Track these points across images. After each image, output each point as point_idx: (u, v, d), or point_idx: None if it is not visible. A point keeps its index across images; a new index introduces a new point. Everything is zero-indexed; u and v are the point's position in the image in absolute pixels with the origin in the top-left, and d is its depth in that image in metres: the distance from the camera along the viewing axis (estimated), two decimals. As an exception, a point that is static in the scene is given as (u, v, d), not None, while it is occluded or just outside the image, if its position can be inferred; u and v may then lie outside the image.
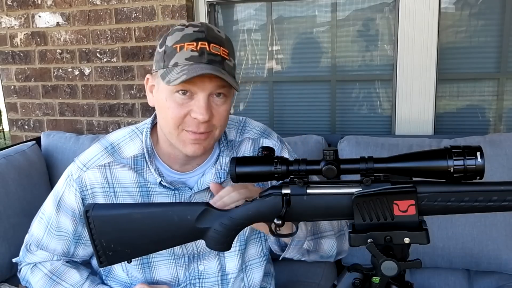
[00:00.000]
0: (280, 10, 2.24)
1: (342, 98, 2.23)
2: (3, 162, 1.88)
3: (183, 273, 1.12)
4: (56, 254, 1.15)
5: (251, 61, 2.32)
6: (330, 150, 0.80)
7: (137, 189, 1.08)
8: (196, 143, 0.99)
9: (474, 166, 0.73)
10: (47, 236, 1.14)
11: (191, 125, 0.97)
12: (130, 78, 2.29)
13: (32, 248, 1.17)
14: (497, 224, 1.61)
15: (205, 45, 0.94)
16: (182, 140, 1.00)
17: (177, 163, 1.09)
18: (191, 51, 0.93)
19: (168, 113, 0.98)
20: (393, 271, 0.77)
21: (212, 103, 0.98)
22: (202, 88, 0.95)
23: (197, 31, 0.96)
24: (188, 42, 0.94)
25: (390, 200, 0.77)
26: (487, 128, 2.10)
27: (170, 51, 0.96)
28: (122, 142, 1.11)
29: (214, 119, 0.98)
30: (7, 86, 2.52)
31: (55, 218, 1.13)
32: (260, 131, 1.19)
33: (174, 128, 0.98)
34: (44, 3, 2.32)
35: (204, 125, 0.97)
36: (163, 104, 0.99)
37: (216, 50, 0.95)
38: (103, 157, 1.09)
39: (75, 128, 2.44)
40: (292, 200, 0.84)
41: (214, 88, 0.96)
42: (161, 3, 2.15)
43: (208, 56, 0.94)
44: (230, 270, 1.15)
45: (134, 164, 1.08)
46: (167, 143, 1.06)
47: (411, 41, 2.00)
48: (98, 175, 1.07)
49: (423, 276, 1.69)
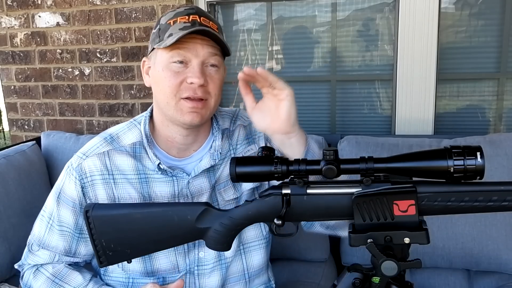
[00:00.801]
0: (280, 10, 2.24)
1: (342, 98, 2.23)
2: (3, 162, 1.88)
3: (183, 261, 1.12)
4: (58, 252, 1.14)
5: (251, 61, 2.32)
6: (330, 150, 0.80)
7: (136, 175, 1.09)
8: (193, 111, 1.03)
9: (474, 166, 0.73)
10: (49, 233, 1.14)
11: (187, 91, 1.02)
12: (130, 78, 2.29)
13: (34, 248, 1.16)
14: (497, 224, 1.61)
15: (196, 18, 1.03)
16: (179, 109, 1.04)
17: (175, 148, 1.12)
18: (184, 23, 1.02)
19: (165, 82, 1.03)
20: (393, 271, 0.77)
21: (206, 71, 1.04)
22: (196, 54, 1.02)
23: (188, 9, 1.05)
24: (180, 17, 1.03)
25: (390, 200, 0.77)
26: (487, 128, 2.10)
27: (164, 27, 1.04)
28: (120, 132, 1.14)
29: (209, 86, 1.04)
30: (7, 86, 2.52)
31: (56, 212, 1.13)
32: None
33: (171, 97, 1.03)
34: (44, 3, 2.32)
35: (200, 89, 1.02)
36: (159, 75, 1.04)
37: (207, 23, 1.03)
38: (102, 145, 1.12)
39: (75, 128, 2.44)
40: (292, 200, 0.84)
41: (207, 55, 1.03)
42: (161, 3, 2.15)
43: (200, 25, 1.01)
44: (227, 253, 1.15)
45: (133, 151, 1.11)
46: (165, 125, 1.10)
47: (411, 41, 2.00)
48: (98, 162, 1.09)
49: (423, 276, 1.69)
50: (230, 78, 2.36)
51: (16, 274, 1.83)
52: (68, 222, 1.12)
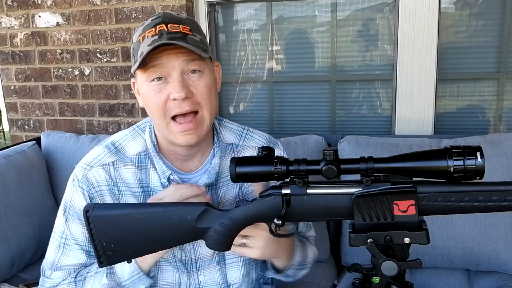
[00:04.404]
0: (280, 10, 2.24)
1: (342, 98, 2.23)
2: (3, 162, 1.88)
3: (185, 281, 1.11)
4: (73, 267, 1.10)
5: (251, 61, 2.32)
6: (330, 150, 0.80)
7: (139, 188, 1.07)
8: (186, 134, 0.99)
9: (474, 166, 0.73)
10: (61, 253, 1.09)
11: (174, 109, 0.97)
12: (130, 78, 2.28)
13: (47, 273, 1.11)
14: (497, 224, 1.61)
15: (162, 27, 0.96)
16: (172, 132, 1.00)
17: (178, 159, 1.09)
18: (151, 37, 0.95)
19: (151, 103, 0.99)
20: (393, 271, 0.77)
21: (189, 80, 0.98)
22: (172, 67, 0.96)
23: (154, 19, 0.99)
24: (148, 30, 0.97)
25: (390, 200, 0.77)
26: (487, 128, 2.10)
27: (135, 46, 0.99)
28: (124, 141, 1.10)
29: (195, 96, 0.98)
30: (7, 86, 2.52)
31: (67, 229, 1.08)
32: (266, 140, 1.18)
33: (161, 118, 0.99)
34: (44, 3, 2.32)
35: (186, 103, 0.97)
36: (145, 97, 1.00)
37: (175, 29, 0.96)
38: (107, 156, 1.08)
39: (75, 128, 2.44)
40: (292, 200, 0.83)
41: (183, 64, 0.96)
42: (161, 3, 2.15)
43: (167, 35, 0.94)
44: (233, 280, 1.13)
45: (138, 162, 1.07)
46: (165, 140, 1.06)
47: (411, 41, 2.00)
48: (103, 173, 1.06)
49: (423, 276, 1.69)
50: (230, 78, 2.36)
51: (16, 274, 1.84)
52: (80, 238, 1.09)
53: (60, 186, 2.09)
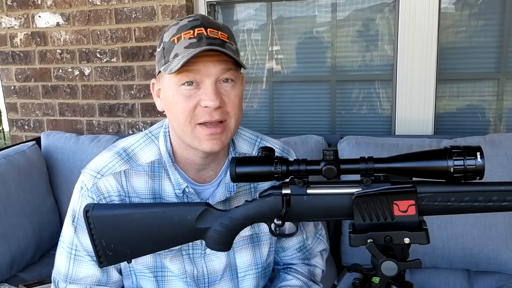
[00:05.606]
0: (280, 10, 2.24)
1: (342, 98, 2.23)
2: (3, 162, 1.88)
3: None
4: (88, 283, 1.04)
5: (251, 61, 2.32)
6: (330, 150, 0.80)
7: (150, 198, 1.02)
8: (212, 138, 0.94)
9: (474, 166, 0.73)
10: (74, 264, 1.03)
11: (203, 116, 0.92)
12: (130, 78, 2.29)
13: (62, 285, 1.05)
14: (497, 224, 1.61)
15: (202, 31, 0.91)
16: (197, 137, 0.94)
17: (193, 169, 1.04)
18: (189, 39, 0.91)
19: (177, 108, 0.93)
20: (393, 271, 0.77)
21: (221, 89, 0.93)
22: (207, 74, 0.91)
23: (192, 21, 0.94)
24: (184, 32, 0.92)
25: (390, 200, 0.77)
26: (487, 128, 2.10)
27: (168, 46, 0.93)
28: (136, 148, 1.04)
29: (227, 106, 0.94)
30: (7, 86, 2.52)
31: (76, 240, 1.03)
32: (280, 148, 1.15)
33: (186, 124, 0.93)
34: (44, 3, 2.32)
35: (217, 111, 0.92)
36: (170, 101, 0.94)
37: (215, 34, 0.92)
38: (119, 164, 1.02)
39: (75, 128, 2.44)
40: (292, 200, 0.83)
41: (219, 73, 0.92)
42: (161, 3, 2.15)
43: (207, 40, 0.90)
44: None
45: (151, 171, 1.02)
46: (183, 148, 1.01)
47: (411, 41, 2.00)
48: (114, 182, 1.00)
49: (423, 276, 1.69)
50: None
51: (16, 274, 1.84)
52: (90, 248, 1.01)
53: (60, 186, 2.09)
